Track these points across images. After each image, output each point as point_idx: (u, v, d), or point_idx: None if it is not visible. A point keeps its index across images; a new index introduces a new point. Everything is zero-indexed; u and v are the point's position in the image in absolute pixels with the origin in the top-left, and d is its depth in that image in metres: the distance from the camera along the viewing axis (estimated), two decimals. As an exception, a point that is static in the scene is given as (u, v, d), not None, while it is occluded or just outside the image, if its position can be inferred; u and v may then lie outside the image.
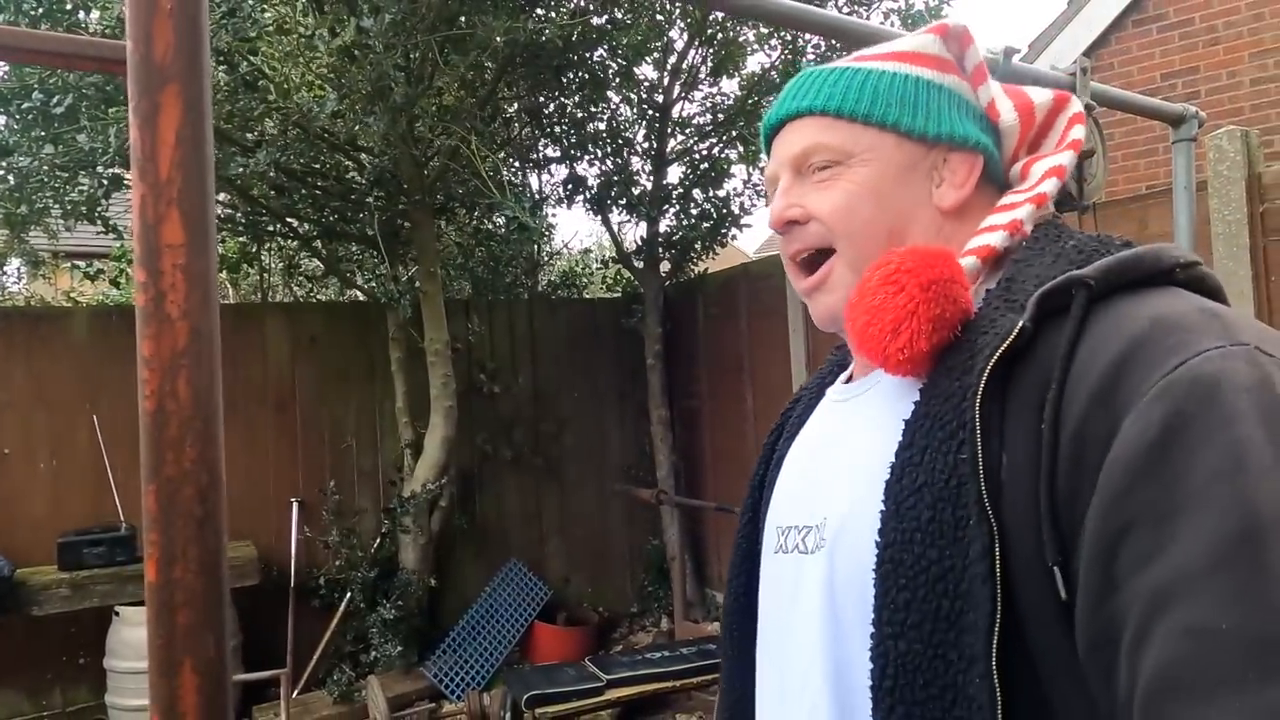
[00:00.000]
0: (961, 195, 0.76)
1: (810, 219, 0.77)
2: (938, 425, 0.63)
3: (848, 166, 0.76)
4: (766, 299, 4.65)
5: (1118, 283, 0.61)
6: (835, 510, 0.71)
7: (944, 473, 0.61)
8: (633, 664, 3.41)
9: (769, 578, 0.80)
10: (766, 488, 0.89)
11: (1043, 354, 0.60)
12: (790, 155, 0.79)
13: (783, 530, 0.79)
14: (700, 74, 5.09)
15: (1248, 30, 4.98)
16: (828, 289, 0.78)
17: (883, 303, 0.67)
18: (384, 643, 4.20)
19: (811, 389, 0.93)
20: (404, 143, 3.87)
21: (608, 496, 5.36)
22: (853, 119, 0.76)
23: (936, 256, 0.68)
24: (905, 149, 0.76)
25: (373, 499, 4.75)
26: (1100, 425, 0.55)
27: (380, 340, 4.67)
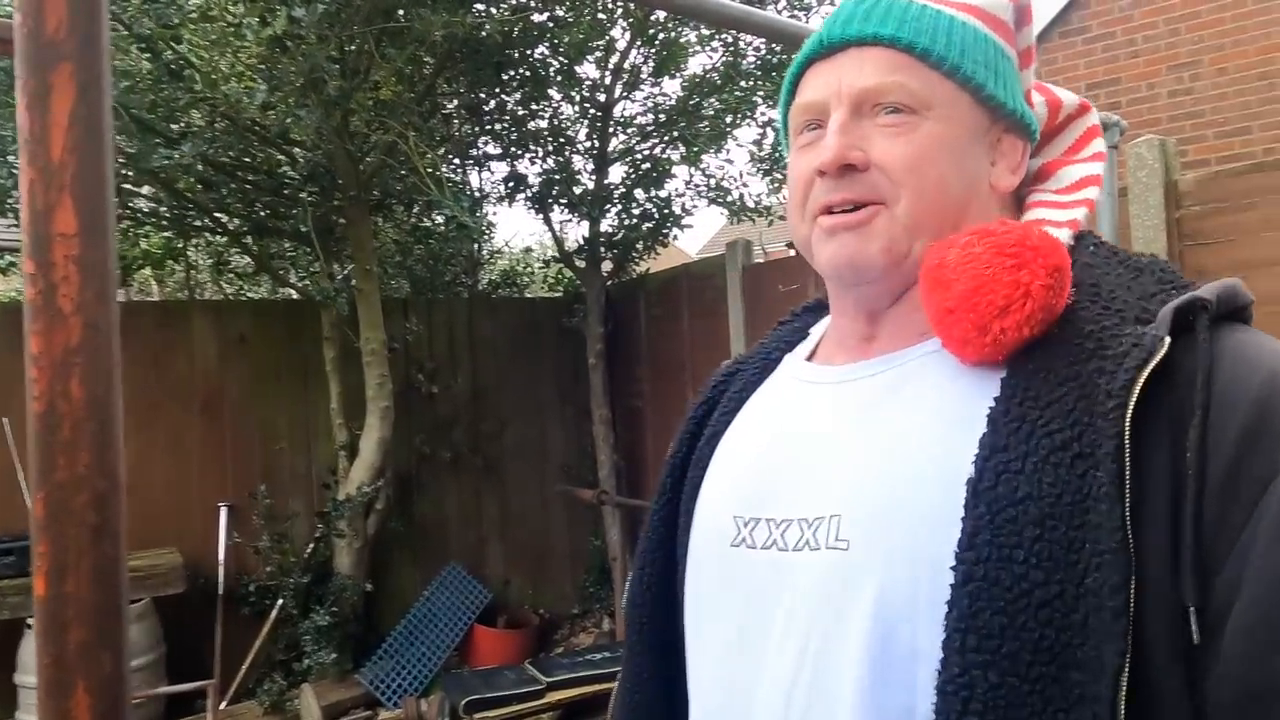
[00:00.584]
0: (1015, 180, 0.71)
1: (872, 167, 0.66)
2: (1042, 432, 0.56)
3: (923, 118, 0.66)
4: (708, 299, 4.67)
5: (1224, 310, 0.59)
6: (861, 504, 0.61)
7: (1055, 488, 0.54)
8: (573, 665, 3.39)
9: (722, 575, 0.70)
10: (693, 467, 0.79)
11: (1177, 375, 0.55)
12: (858, 87, 0.67)
13: (745, 521, 0.69)
14: (642, 74, 5.09)
15: (1165, 45, 5.22)
16: (866, 234, 0.66)
17: (997, 274, 0.59)
18: (318, 650, 4.09)
19: (753, 364, 0.83)
20: (339, 137, 3.77)
21: (549, 497, 5.32)
22: (938, 66, 0.67)
23: (1055, 241, 0.61)
24: (977, 115, 0.69)
25: (306, 503, 4.62)
26: (1256, 463, 0.53)
27: (314, 340, 4.55)
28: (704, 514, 0.74)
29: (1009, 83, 0.70)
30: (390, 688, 4.17)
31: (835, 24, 0.70)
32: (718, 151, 5.19)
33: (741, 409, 0.78)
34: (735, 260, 4.46)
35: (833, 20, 0.71)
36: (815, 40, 0.71)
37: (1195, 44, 5.10)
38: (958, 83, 0.67)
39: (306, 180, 4.02)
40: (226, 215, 4.39)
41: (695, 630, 0.73)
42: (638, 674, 0.80)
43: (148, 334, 4.24)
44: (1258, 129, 4.93)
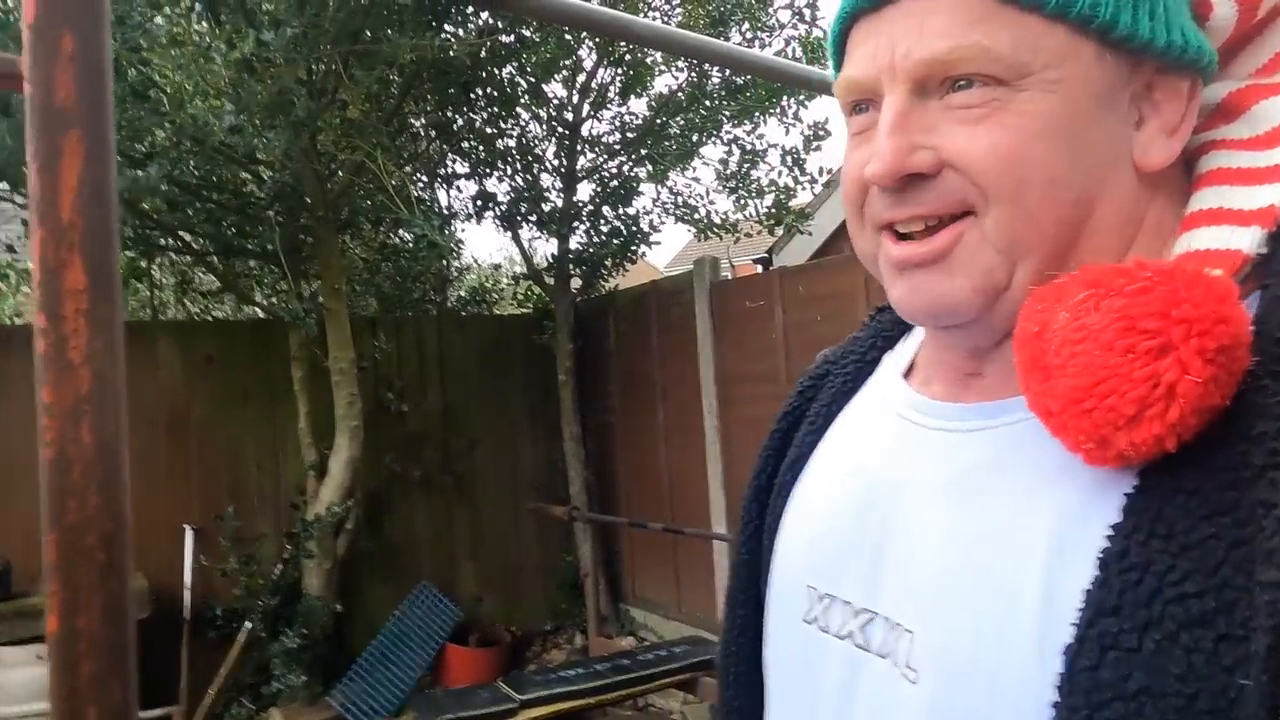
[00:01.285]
0: (1177, 146, 0.49)
1: (946, 168, 0.48)
2: (1173, 593, 0.39)
3: (1018, 89, 0.47)
4: (676, 315, 4.73)
5: None
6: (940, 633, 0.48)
7: (1187, 686, 0.38)
8: (547, 683, 3.40)
9: (795, 651, 0.60)
10: (776, 495, 0.66)
11: None
12: (916, 59, 0.48)
13: (819, 595, 0.58)
14: (609, 93, 5.16)
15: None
16: (948, 269, 0.49)
17: (1121, 368, 0.40)
18: (287, 673, 4.05)
19: (845, 365, 0.67)
20: (306, 158, 3.78)
21: (520, 514, 5.33)
22: (1040, 6, 0.46)
23: (1224, 298, 0.41)
24: (1106, 69, 0.47)
25: (274, 524, 4.58)
26: None
27: (281, 359, 4.53)
28: (780, 570, 0.63)
29: (1161, 1, 0.48)
30: (362, 710, 4.14)
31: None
32: (684, 170, 5.28)
33: (830, 427, 0.65)
34: (703, 277, 4.53)
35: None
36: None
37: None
38: (1071, 26, 0.46)
39: (273, 200, 4.02)
40: (192, 234, 4.36)
41: (774, 705, 0.63)
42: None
43: (111, 355, 4.19)
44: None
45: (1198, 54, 0.49)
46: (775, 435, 0.70)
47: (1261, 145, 0.49)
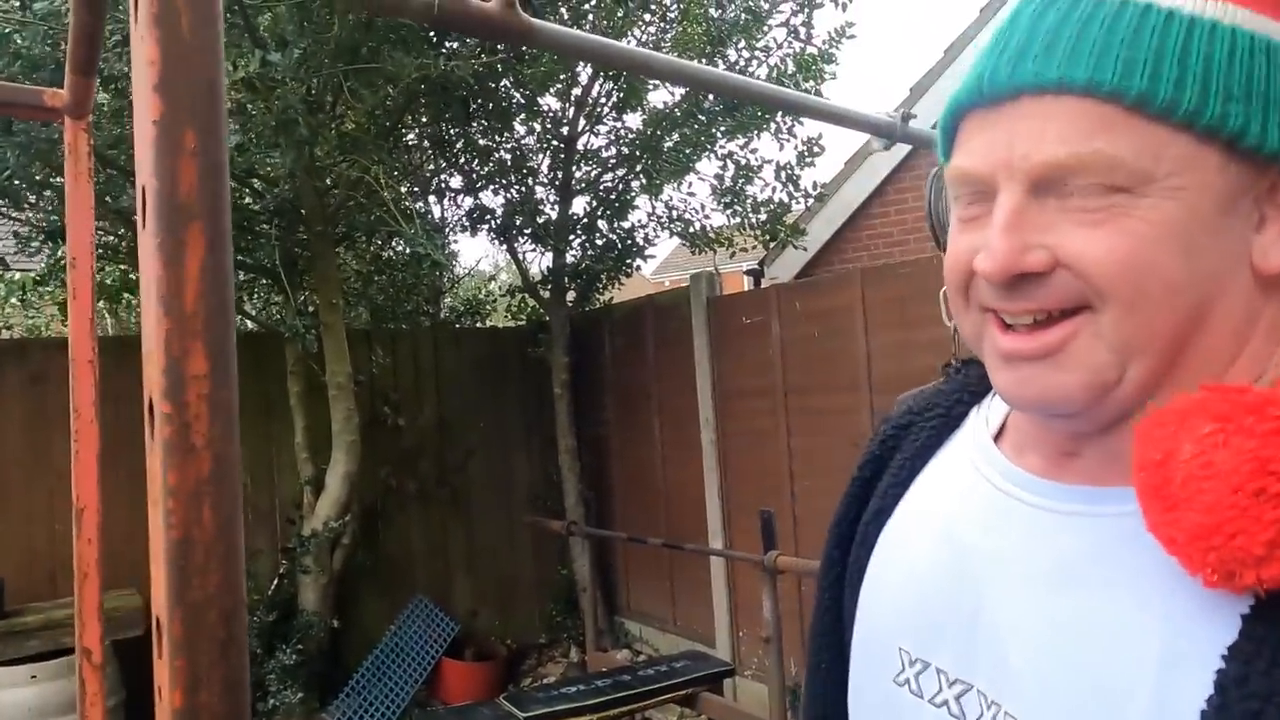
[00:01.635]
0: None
1: (1060, 268, 0.48)
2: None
3: (1139, 196, 0.46)
4: (672, 330, 4.76)
5: None
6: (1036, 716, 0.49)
7: None
8: (549, 699, 3.40)
9: (883, 713, 0.60)
10: (857, 545, 0.66)
11: None
12: (1038, 162, 0.48)
13: (911, 661, 0.58)
14: (605, 107, 5.19)
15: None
16: (1060, 364, 0.49)
17: (1251, 510, 0.40)
18: (283, 689, 4.03)
19: (929, 417, 0.66)
20: (306, 174, 3.78)
21: (515, 527, 5.33)
22: (1166, 116, 0.46)
23: None
24: (1231, 174, 0.47)
25: (270, 539, 4.56)
26: None
27: (277, 374, 4.51)
28: (865, 628, 0.63)
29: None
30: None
31: (1003, 55, 0.49)
32: (679, 184, 5.31)
33: (914, 481, 0.64)
34: (700, 292, 4.57)
35: (999, 44, 0.50)
36: (973, 80, 0.50)
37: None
38: (1199, 135, 0.46)
39: (272, 215, 4.01)
40: (187, 249, 4.34)
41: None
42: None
43: (104, 369, 4.14)
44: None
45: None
46: (856, 483, 0.69)
47: None
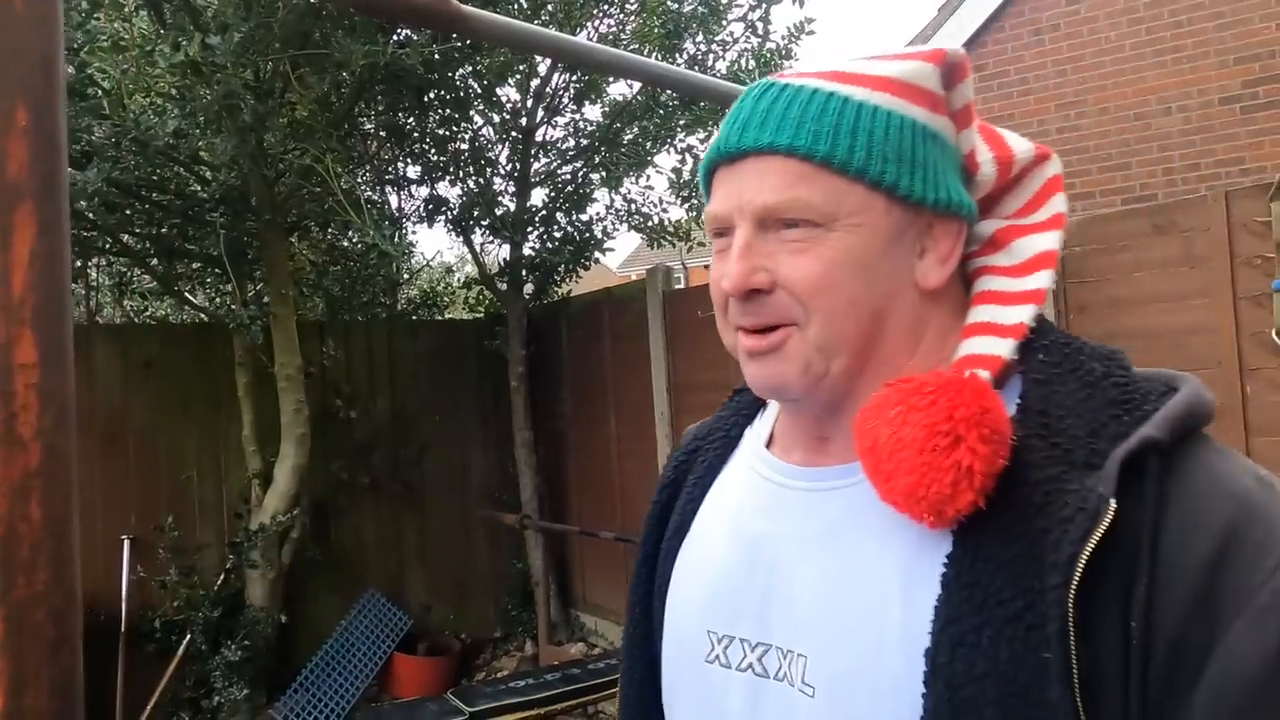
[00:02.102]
0: (947, 271, 0.65)
1: (778, 288, 0.63)
2: (993, 599, 0.54)
3: (828, 230, 0.62)
4: (629, 322, 4.75)
5: (1180, 436, 0.55)
6: (827, 656, 0.61)
7: (1011, 663, 0.53)
8: (496, 694, 3.39)
9: (698, 689, 0.70)
10: (663, 560, 0.77)
11: (1124, 533, 0.52)
12: (757, 205, 0.63)
13: (719, 638, 0.68)
14: (563, 99, 5.15)
15: (1053, 84, 5.59)
16: (782, 358, 0.64)
17: (934, 460, 0.55)
18: (228, 686, 3.96)
19: (712, 442, 0.80)
20: (253, 161, 3.70)
21: (470, 521, 5.29)
22: (842, 171, 0.62)
23: (984, 395, 0.57)
24: (894, 215, 0.63)
25: (216, 533, 4.47)
26: (1200, 628, 0.51)
27: (224, 365, 4.42)
28: (675, 623, 0.73)
29: (934, 169, 0.64)
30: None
31: (734, 128, 0.66)
32: (638, 177, 5.30)
33: (705, 497, 0.76)
34: (656, 286, 4.56)
35: (732, 121, 0.66)
36: (715, 147, 0.67)
37: (1080, 85, 5.49)
38: (867, 185, 0.62)
39: (218, 202, 3.92)
40: (131, 236, 4.24)
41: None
42: None
43: (44, 360, 4.04)
44: (1135, 164, 5.33)
45: (960, 206, 0.65)
46: (656, 505, 0.81)
47: (1018, 273, 0.67)
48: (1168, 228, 2.66)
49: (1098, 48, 5.45)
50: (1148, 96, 5.30)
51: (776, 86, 0.66)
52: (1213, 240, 2.55)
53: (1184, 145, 5.19)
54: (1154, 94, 5.27)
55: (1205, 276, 2.57)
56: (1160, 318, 2.66)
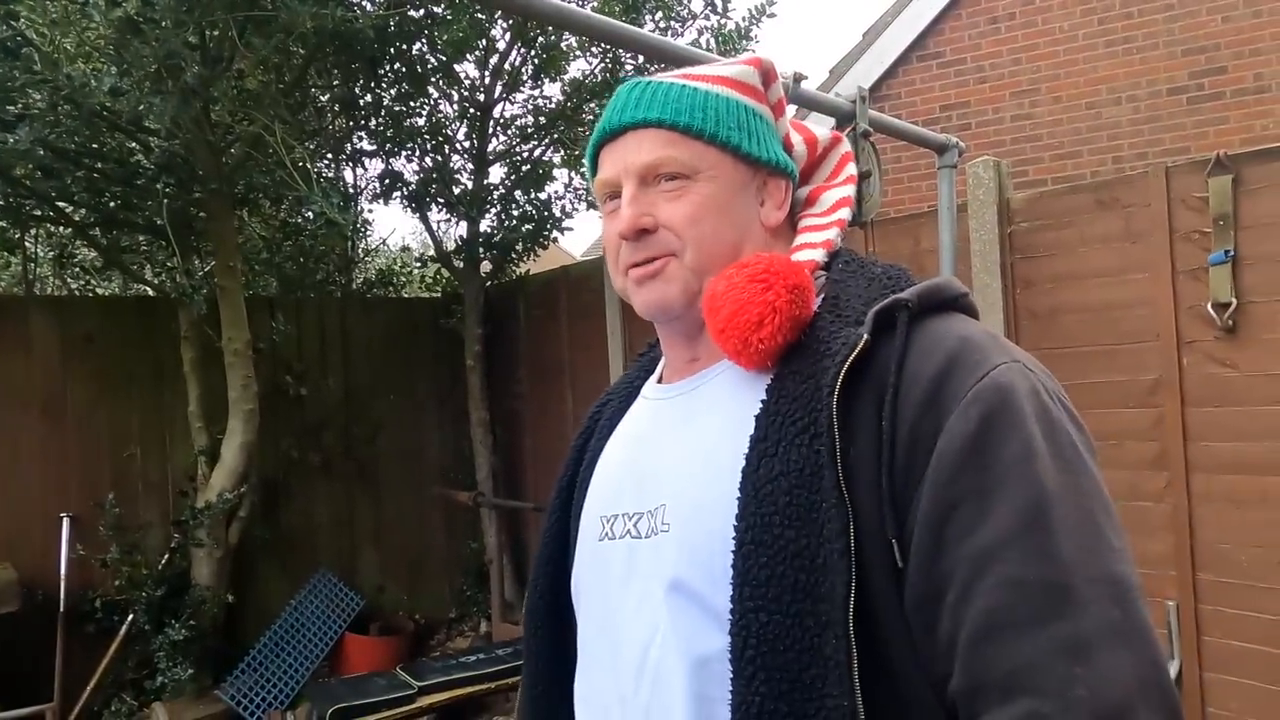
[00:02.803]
0: (781, 215, 0.86)
1: (660, 227, 0.81)
2: (789, 421, 0.71)
3: (694, 181, 0.81)
4: (586, 301, 4.73)
5: (926, 305, 0.73)
6: (678, 496, 0.77)
7: (798, 463, 0.68)
8: (446, 668, 3.36)
9: (594, 564, 0.85)
10: (578, 487, 0.92)
11: (877, 363, 0.70)
12: (639, 164, 0.82)
13: (607, 519, 0.84)
14: (523, 76, 5.09)
15: (1008, 72, 5.67)
16: (664, 279, 0.82)
17: (750, 297, 0.74)
18: (172, 666, 3.87)
19: (619, 393, 0.98)
20: (198, 127, 3.60)
21: (425, 501, 5.24)
22: (699, 137, 0.81)
23: (798, 266, 0.77)
24: (740, 170, 0.83)
25: (161, 511, 4.37)
26: (929, 422, 0.67)
27: (170, 339, 4.31)
28: (583, 523, 0.89)
29: (763, 138, 0.85)
30: (254, 702, 4.01)
31: (615, 112, 0.84)
32: (597, 156, 5.26)
33: (613, 434, 0.93)
34: (613, 263, 4.54)
35: (612, 108, 0.85)
36: (601, 127, 0.85)
37: (1034, 73, 5.57)
38: (718, 147, 0.81)
39: (162, 170, 3.80)
40: (71, 205, 4.10)
41: (580, 614, 0.88)
42: (535, 672, 0.93)
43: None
44: (1086, 153, 5.43)
45: (784, 165, 0.87)
46: (574, 449, 0.98)
47: (824, 215, 0.89)
48: (1110, 203, 2.71)
49: (1051, 37, 5.53)
50: (1099, 86, 5.40)
51: (644, 83, 0.85)
52: (1153, 215, 2.60)
53: (1133, 134, 5.30)
54: (1105, 83, 5.37)
55: (1145, 251, 2.62)
56: (1102, 292, 2.71)
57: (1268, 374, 2.39)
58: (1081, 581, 0.61)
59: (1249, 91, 4.94)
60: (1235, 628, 2.44)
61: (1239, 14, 4.98)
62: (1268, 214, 2.39)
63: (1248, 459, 2.43)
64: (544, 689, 0.92)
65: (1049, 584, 0.61)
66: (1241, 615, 2.43)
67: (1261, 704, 2.38)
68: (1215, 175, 2.46)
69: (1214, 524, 2.49)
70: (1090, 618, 0.60)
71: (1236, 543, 2.45)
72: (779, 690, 0.66)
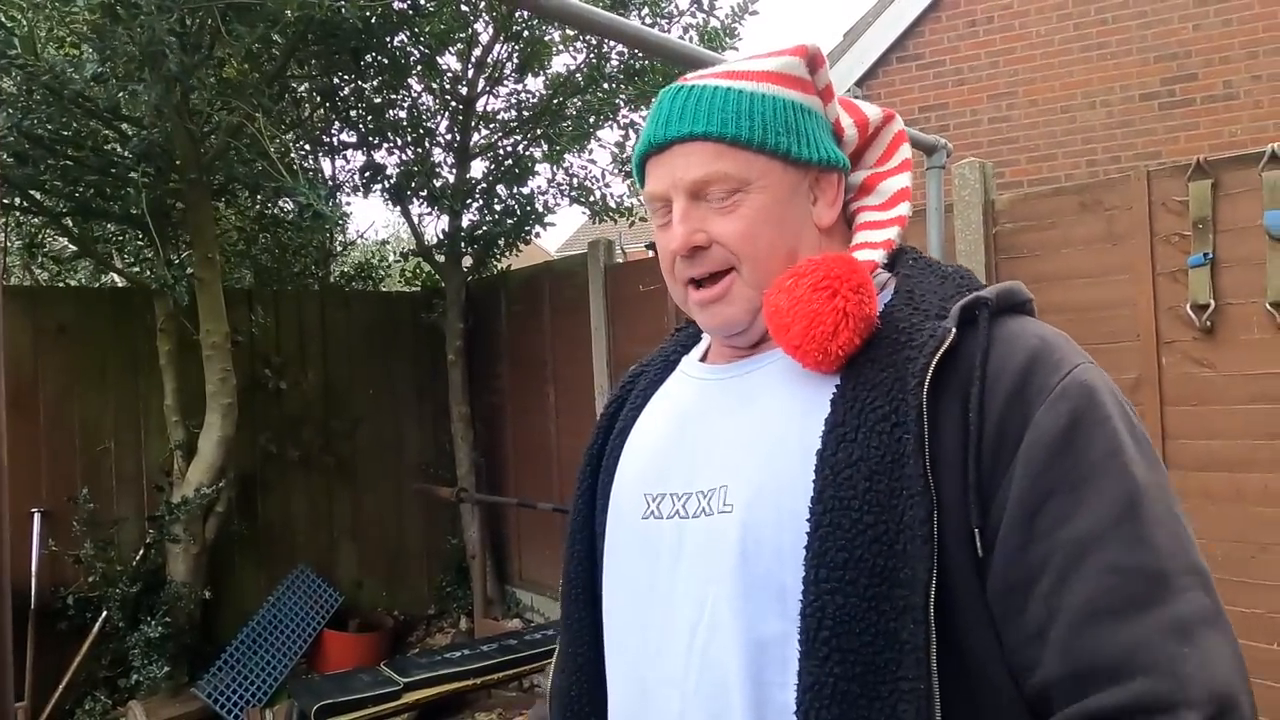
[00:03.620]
0: (834, 213, 0.85)
1: (714, 244, 0.81)
2: (869, 409, 0.71)
3: (746, 193, 0.80)
4: (569, 297, 4.72)
5: (1004, 305, 0.76)
6: (742, 478, 0.76)
7: (879, 450, 0.69)
8: (431, 664, 3.34)
9: (633, 543, 0.84)
10: (609, 455, 0.92)
11: (963, 356, 0.71)
12: (688, 180, 0.81)
13: (653, 497, 0.83)
14: (505, 70, 5.06)
15: (986, 75, 5.75)
16: (729, 301, 0.82)
17: (820, 306, 0.73)
18: (148, 664, 3.81)
19: (655, 364, 0.97)
20: (178, 115, 3.53)
21: (405, 496, 5.20)
22: (747, 146, 0.79)
23: (854, 263, 0.77)
24: (790, 174, 0.81)
25: (136, 506, 4.29)
26: (1016, 416, 0.69)
27: (145, 331, 4.24)
28: (620, 494, 0.88)
29: (812, 135, 0.83)
30: (231, 700, 3.96)
31: (658, 125, 0.83)
32: (580, 151, 5.25)
33: (648, 405, 0.92)
34: (597, 260, 4.54)
35: (655, 118, 0.84)
36: (647, 139, 0.85)
37: (1011, 76, 5.66)
38: (767, 155, 0.81)
39: (139, 159, 3.73)
40: (43, 193, 4.01)
41: (613, 589, 0.87)
42: (575, 641, 0.91)
43: None
44: (1061, 155, 5.53)
45: (835, 161, 0.85)
46: (604, 417, 0.97)
47: (885, 208, 0.89)
48: (1093, 206, 2.76)
49: (1028, 41, 5.62)
50: (1074, 90, 5.49)
51: (686, 88, 0.84)
52: (1134, 218, 2.66)
53: (1106, 139, 5.40)
54: (1080, 88, 5.47)
55: (1126, 253, 2.68)
56: (1084, 292, 2.77)
57: (1243, 374, 2.46)
58: (1176, 570, 0.64)
59: (1219, 98, 5.06)
60: (1210, 620, 2.51)
61: (1209, 22, 5.10)
62: (1245, 218, 2.45)
63: (1223, 456, 2.50)
64: (587, 659, 0.90)
65: (1149, 571, 0.64)
66: (1216, 608, 2.50)
67: (1234, 694, 2.45)
68: (1195, 180, 2.52)
69: (1192, 519, 2.55)
70: (1189, 603, 0.63)
71: (1212, 537, 2.52)
72: (853, 672, 0.67)
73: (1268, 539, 2.42)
